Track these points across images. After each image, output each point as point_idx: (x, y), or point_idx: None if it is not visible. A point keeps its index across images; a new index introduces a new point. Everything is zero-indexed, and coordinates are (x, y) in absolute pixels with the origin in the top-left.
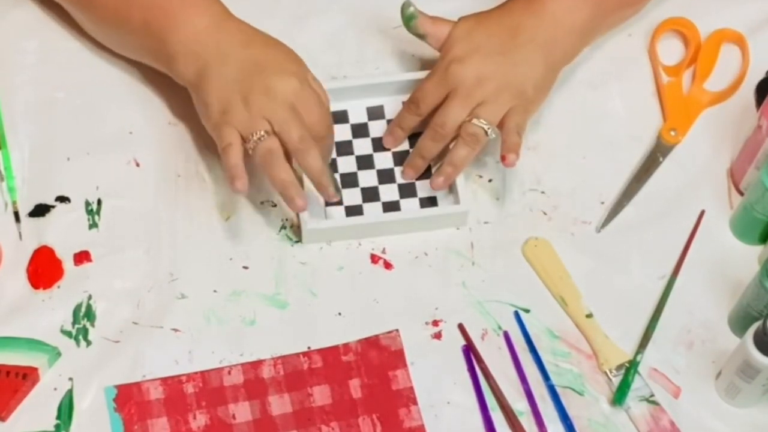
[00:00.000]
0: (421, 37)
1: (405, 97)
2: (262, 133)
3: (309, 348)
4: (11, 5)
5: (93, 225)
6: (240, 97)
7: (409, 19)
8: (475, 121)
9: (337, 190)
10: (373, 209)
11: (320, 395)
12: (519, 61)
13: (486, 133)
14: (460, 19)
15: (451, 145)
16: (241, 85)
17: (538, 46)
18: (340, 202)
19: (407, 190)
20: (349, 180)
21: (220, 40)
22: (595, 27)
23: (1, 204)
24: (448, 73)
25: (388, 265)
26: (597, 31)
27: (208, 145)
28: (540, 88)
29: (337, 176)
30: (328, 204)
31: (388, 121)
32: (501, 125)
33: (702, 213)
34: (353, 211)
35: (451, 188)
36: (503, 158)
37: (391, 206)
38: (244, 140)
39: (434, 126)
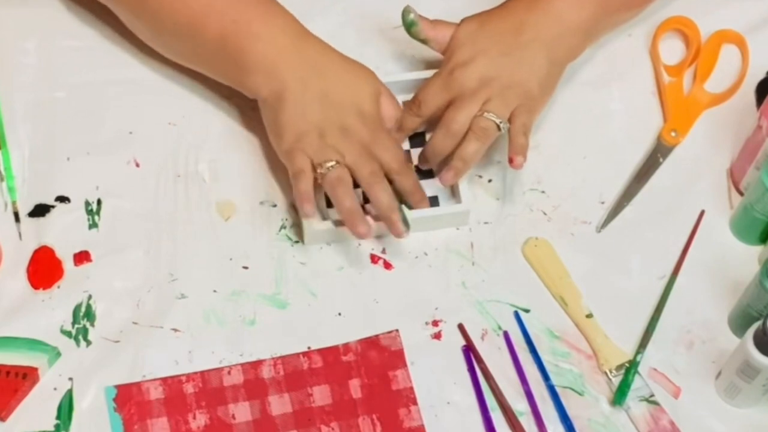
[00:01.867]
0: (423, 41)
1: (405, 97)
2: (334, 162)
3: (309, 348)
4: (11, 5)
5: (93, 225)
6: (316, 130)
7: (410, 26)
8: (486, 114)
9: (406, 225)
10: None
11: (320, 395)
12: (523, 61)
13: (498, 127)
14: (462, 21)
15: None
16: (318, 120)
17: (543, 44)
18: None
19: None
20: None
21: (299, 64)
22: (600, 25)
23: (1, 204)
24: (453, 77)
25: (388, 265)
26: (601, 30)
27: (208, 143)
28: (545, 87)
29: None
30: (329, 205)
31: None
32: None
33: (702, 213)
34: None
35: (453, 188)
36: (510, 160)
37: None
38: (315, 167)
39: (446, 122)
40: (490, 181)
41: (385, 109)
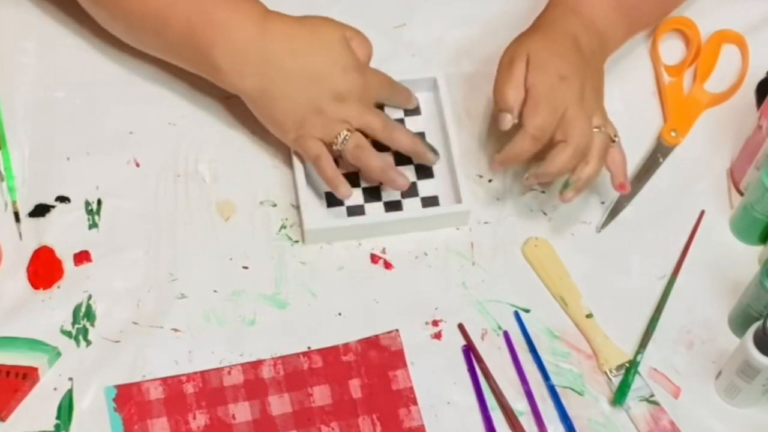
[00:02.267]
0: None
1: None
2: (346, 133)
3: (309, 348)
4: (11, 5)
5: (93, 225)
6: (313, 110)
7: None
8: (603, 130)
9: (435, 153)
10: (374, 209)
11: (320, 395)
12: (593, 74)
13: (612, 140)
14: (518, 47)
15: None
16: (311, 98)
17: (599, 58)
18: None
19: (409, 190)
20: (351, 180)
21: (270, 51)
22: (622, 43)
23: (1, 204)
24: (558, 94)
25: (388, 265)
26: (624, 40)
27: (208, 143)
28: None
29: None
30: (330, 204)
31: None
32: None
33: (702, 213)
34: (355, 211)
35: (453, 188)
36: (621, 186)
37: (392, 206)
38: (329, 144)
39: (577, 148)
40: (490, 181)
41: (358, 51)
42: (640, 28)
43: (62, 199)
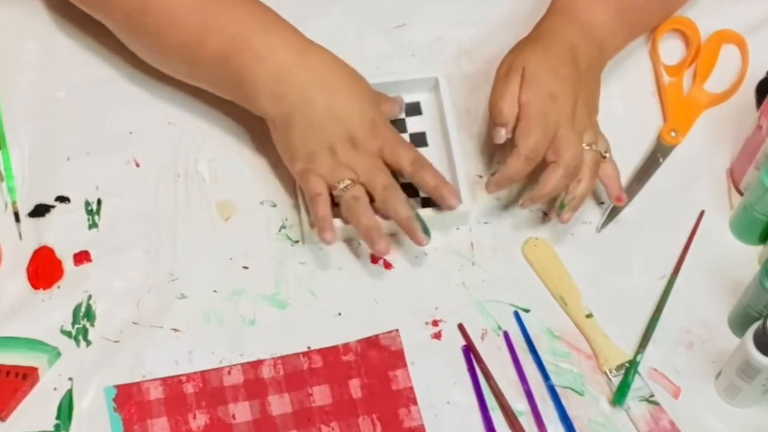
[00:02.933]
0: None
1: (405, 97)
2: (348, 182)
3: (309, 348)
4: (11, 5)
5: (93, 225)
6: (326, 147)
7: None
8: (594, 147)
9: (426, 233)
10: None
11: (320, 395)
12: (588, 87)
13: (603, 156)
14: (515, 58)
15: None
16: (327, 137)
17: (595, 69)
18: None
19: (409, 190)
20: None
21: (302, 82)
22: (622, 47)
23: (1, 204)
24: (550, 113)
25: (388, 265)
26: (623, 45)
27: (208, 143)
28: (596, 108)
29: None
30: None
31: (390, 122)
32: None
33: (702, 213)
34: None
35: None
36: (618, 199)
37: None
38: (331, 187)
39: (568, 168)
40: None
41: (387, 111)
42: (639, 33)
43: (62, 199)
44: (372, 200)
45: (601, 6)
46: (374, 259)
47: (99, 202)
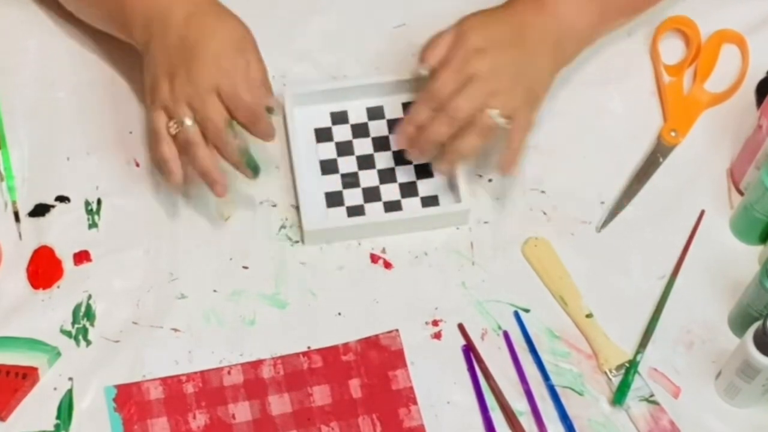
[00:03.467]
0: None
1: (405, 97)
2: (183, 120)
3: (309, 348)
4: (11, 5)
5: (93, 225)
6: (167, 76)
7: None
8: (490, 111)
9: (255, 171)
10: (374, 209)
11: (320, 395)
12: (531, 58)
13: (502, 125)
14: (465, 18)
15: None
16: (170, 64)
17: (548, 48)
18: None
19: (408, 190)
20: (350, 180)
21: (169, 8)
22: (597, 32)
23: (1, 204)
24: (468, 62)
25: (388, 265)
26: (597, 37)
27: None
28: (546, 90)
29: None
30: (330, 205)
31: (388, 121)
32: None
33: (702, 213)
34: (354, 211)
35: (453, 187)
36: (504, 168)
37: (392, 206)
38: (169, 119)
39: (450, 110)
40: (490, 180)
41: (252, 66)
42: (617, 21)
43: (62, 198)
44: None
45: None
46: (374, 259)
47: (99, 202)
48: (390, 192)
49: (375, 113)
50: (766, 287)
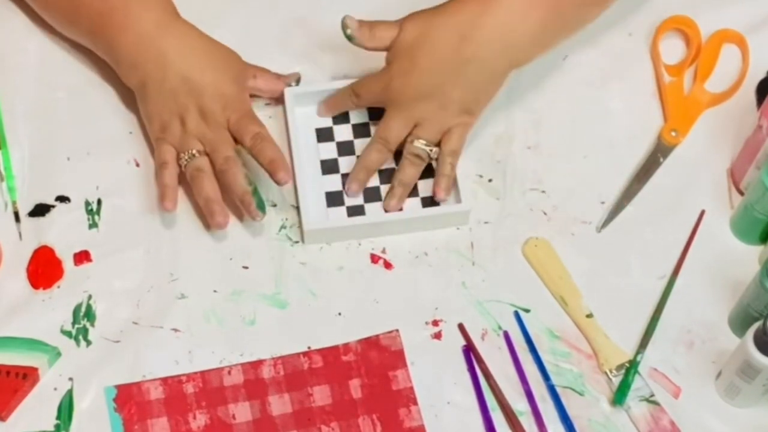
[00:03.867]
0: (368, 49)
1: None
2: (194, 152)
3: (309, 348)
4: (11, 5)
5: (93, 225)
6: (178, 118)
7: (349, 39)
8: (416, 143)
9: (261, 209)
10: (374, 209)
11: (320, 395)
12: (462, 78)
13: (428, 154)
14: (406, 21)
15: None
16: (179, 106)
17: (483, 60)
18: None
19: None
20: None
21: (159, 51)
22: (551, 29)
23: (1, 204)
24: (390, 87)
25: (388, 265)
26: (554, 34)
27: None
28: (481, 102)
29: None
30: (330, 205)
31: None
32: (439, 145)
33: (702, 213)
34: (355, 211)
35: (453, 187)
36: (434, 193)
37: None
38: (178, 156)
39: (378, 140)
40: (490, 180)
41: (262, 84)
42: (570, 11)
43: (62, 199)
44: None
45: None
46: (374, 259)
47: (99, 202)
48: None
49: (376, 113)
50: (766, 287)
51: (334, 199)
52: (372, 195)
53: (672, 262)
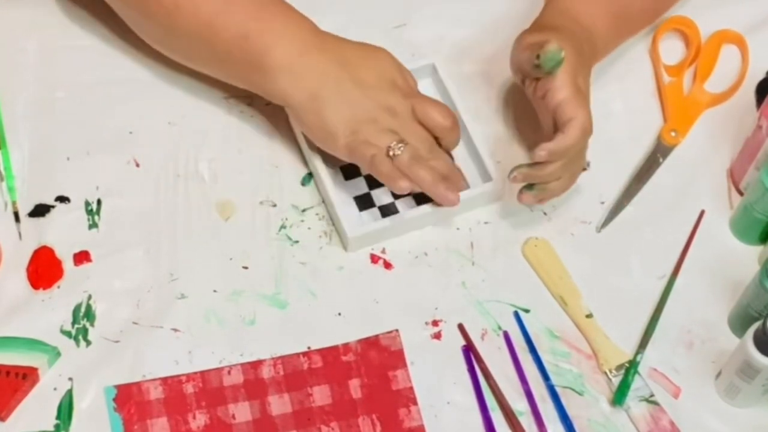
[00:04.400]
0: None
1: None
2: (401, 145)
3: (309, 348)
4: (11, 5)
5: (93, 225)
6: (367, 119)
7: (557, 64)
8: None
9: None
10: (405, 204)
11: (320, 395)
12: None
13: (584, 168)
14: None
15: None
16: (365, 108)
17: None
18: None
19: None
20: (375, 181)
21: (324, 60)
22: (611, 41)
23: (1, 204)
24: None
25: (388, 265)
26: (611, 46)
27: (208, 143)
28: None
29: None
30: (361, 209)
31: None
32: None
33: (702, 213)
34: (387, 210)
35: (478, 165)
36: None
37: (422, 196)
38: (384, 152)
39: (577, 162)
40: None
41: (410, 79)
42: (628, 36)
43: (62, 199)
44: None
45: (601, 13)
46: (374, 259)
47: (99, 202)
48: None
49: None
50: (766, 287)
51: (363, 202)
52: None
53: (672, 262)
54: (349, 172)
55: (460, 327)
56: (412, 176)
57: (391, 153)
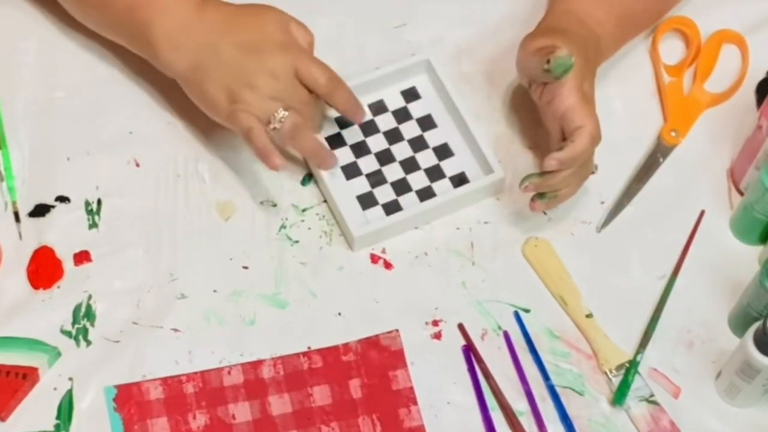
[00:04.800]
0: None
1: (402, 85)
2: (284, 113)
3: (309, 348)
4: (11, 5)
5: (93, 225)
6: (246, 85)
7: (568, 70)
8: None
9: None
10: (409, 200)
11: (320, 395)
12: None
13: (593, 171)
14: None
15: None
16: (243, 73)
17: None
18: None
19: (435, 173)
20: (377, 178)
21: (203, 30)
22: (615, 43)
23: (1, 204)
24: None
25: (388, 265)
26: (614, 48)
27: (208, 143)
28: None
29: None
30: (364, 207)
31: (393, 113)
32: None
33: (702, 213)
34: (391, 207)
35: (479, 158)
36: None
37: (425, 192)
38: (264, 122)
39: (585, 167)
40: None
41: (300, 37)
42: (631, 36)
43: (62, 199)
44: None
45: (606, 15)
46: (374, 259)
47: (99, 202)
48: (418, 180)
49: (378, 108)
50: (766, 287)
51: (367, 200)
52: (402, 187)
53: (672, 262)
54: (350, 171)
55: (460, 327)
56: (294, 146)
57: (271, 126)
